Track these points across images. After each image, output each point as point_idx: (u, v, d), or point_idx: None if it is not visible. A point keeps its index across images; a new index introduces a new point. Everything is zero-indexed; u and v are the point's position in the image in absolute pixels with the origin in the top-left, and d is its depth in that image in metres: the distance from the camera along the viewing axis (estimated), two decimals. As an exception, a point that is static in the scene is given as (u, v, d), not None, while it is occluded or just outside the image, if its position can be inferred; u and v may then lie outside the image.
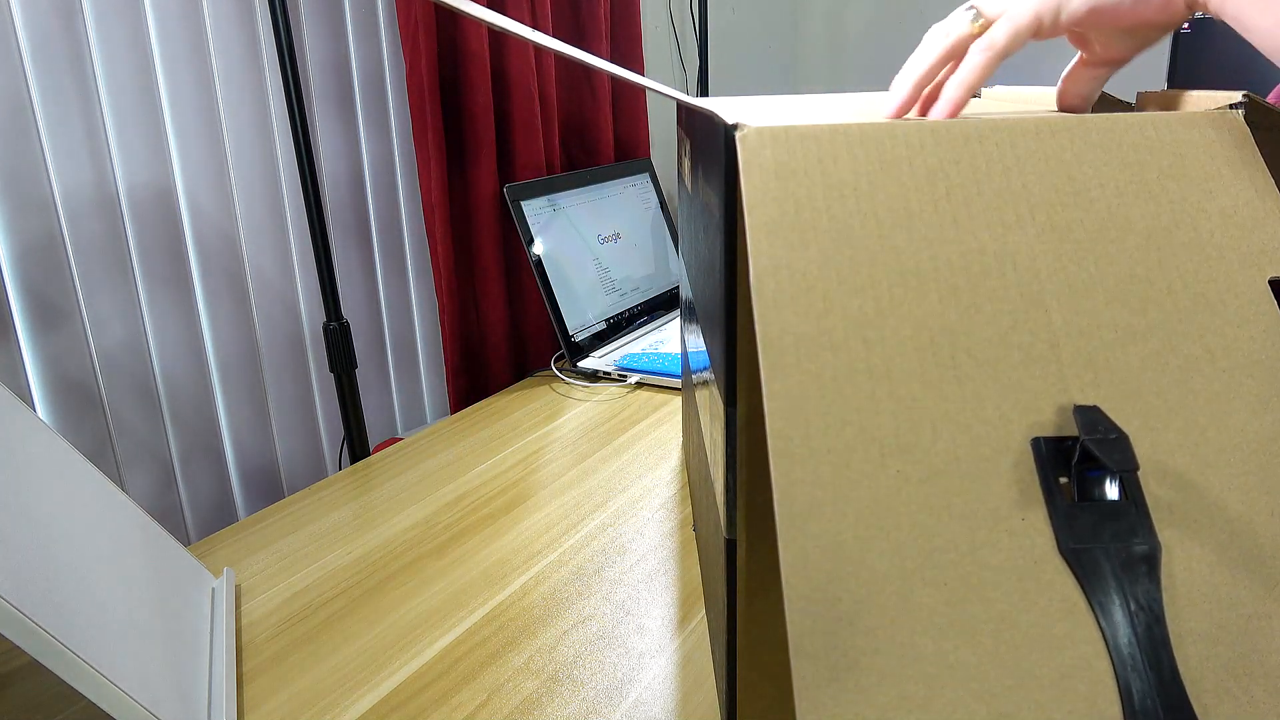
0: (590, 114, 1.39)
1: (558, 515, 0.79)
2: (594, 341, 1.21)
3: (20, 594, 0.41)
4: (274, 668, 0.60)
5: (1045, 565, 0.28)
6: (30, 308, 0.86)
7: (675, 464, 0.88)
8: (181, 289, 0.98)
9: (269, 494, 1.10)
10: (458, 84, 1.14)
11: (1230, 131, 0.35)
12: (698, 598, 0.65)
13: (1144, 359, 0.31)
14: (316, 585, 0.70)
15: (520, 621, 0.64)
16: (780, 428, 0.30)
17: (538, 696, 0.56)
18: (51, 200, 0.86)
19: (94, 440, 0.92)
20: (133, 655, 0.48)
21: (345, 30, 1.15)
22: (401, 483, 0.87)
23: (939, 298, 0.32)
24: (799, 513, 0.29)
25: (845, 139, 0.35)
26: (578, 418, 1.02)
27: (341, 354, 0.98)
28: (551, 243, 1.20)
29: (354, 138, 1.18)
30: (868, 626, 0.28)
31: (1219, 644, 0.27)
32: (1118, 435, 0.29)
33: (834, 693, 0.27)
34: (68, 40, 0.85)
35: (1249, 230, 0.33)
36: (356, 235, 1.20)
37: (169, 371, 0.98)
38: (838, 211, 0.33)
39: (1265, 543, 0.29)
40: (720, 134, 0.37)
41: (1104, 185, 0.34)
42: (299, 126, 0.91)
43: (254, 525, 0.80)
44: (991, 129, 0.35)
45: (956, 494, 0.29)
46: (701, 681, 0.57)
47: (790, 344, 0.31)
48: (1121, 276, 0.32)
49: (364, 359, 1.22)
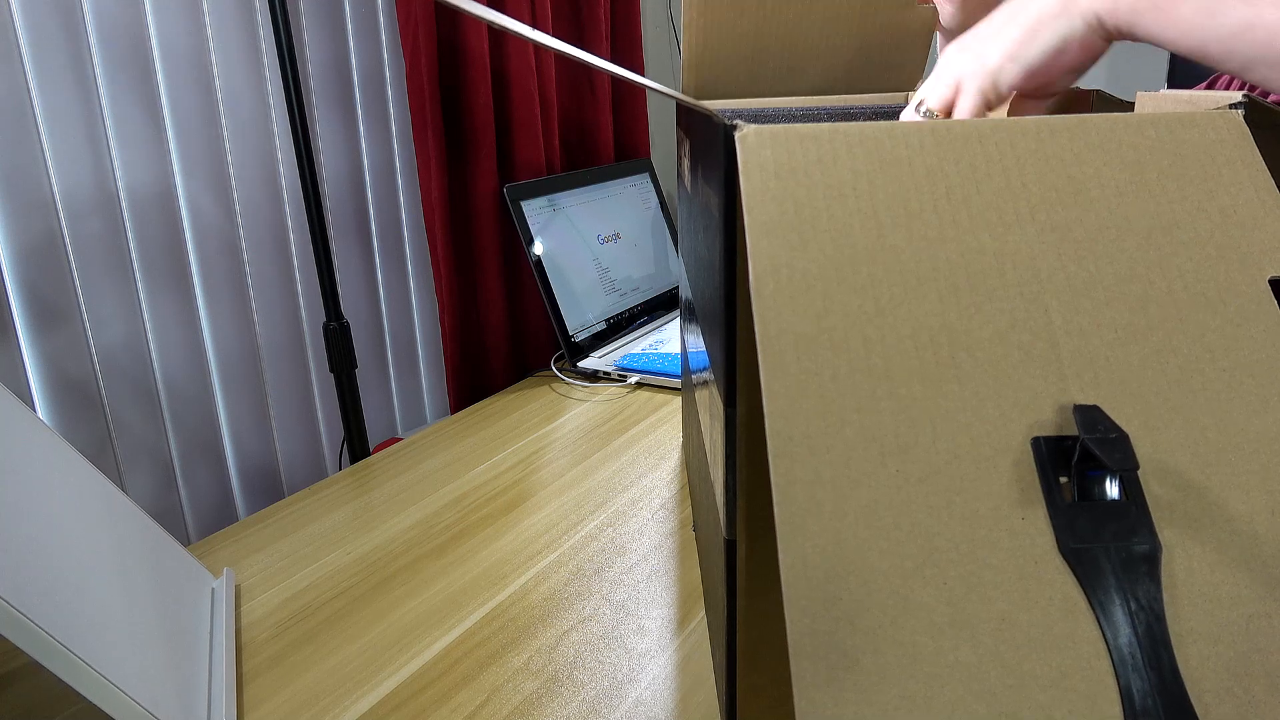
0: (590, 114, 1.39)
1: (558, 515, 0.79)
2: (594, 341, 1.21)
3: (20, 594, 0.41)
4: (274, 668, 0.60)
5: (1045, 565, 0.28)
6: (30, 308, 0.86)
7: (675, 464, 0.88)
8: (181, 289, 0.98)
9: (269, 494, 1.10)
10: (458, 84, 1.14)
11: (1230, 131, 0.35)
12: (697, 598, 0.65)
13: (1144, 358, 0.31)
14: (316, 585, 0.70)
15: (520, 622, 0.64)
16: (780, 427, 0.30)
17: (538, 697, 0.56)
18: (51, 200, 0.86)
19: (94, 440, 0.92)
20: (133, 655, 0.48)
21: (345, 30, 1.15)
22: (401, 483, 0.87)
23: (939, 297, 0.32)
24: (799, 512, 0.29)
25: (845, 139, 0.35)
26: (578, 418, 1.02)
27: (341, 354, 0.98)
28: (551, 243, 1.20)
29: (354, 138, 1.18)
30: (867, 626, 0.28)
31: (1220, 643, 0.27)
32: (1118, 434, 0.29)
33: (834, 692, 0.27)
34: (68, 40, 0.86)
35: (1249, 229, 0.33)
36: (356, 235, 1.20)
37: (169, 371, 0.98)
38: (837, 211, 0.33)
39: (1266, 542, 0.29)
40: (719, 134, 0.37)
41: (1104, 185, 0.34)
42: (299, 126, 0.91)
43: (254, 525, 0.80)
44: (991, 129, 0.35)
45: (956, 493, 0.29)
46: (701, 682, 0.57)
47: (790, 344, 0.31)
48: (1121, 276, 0.32)
49: (364, 359, 1.22)
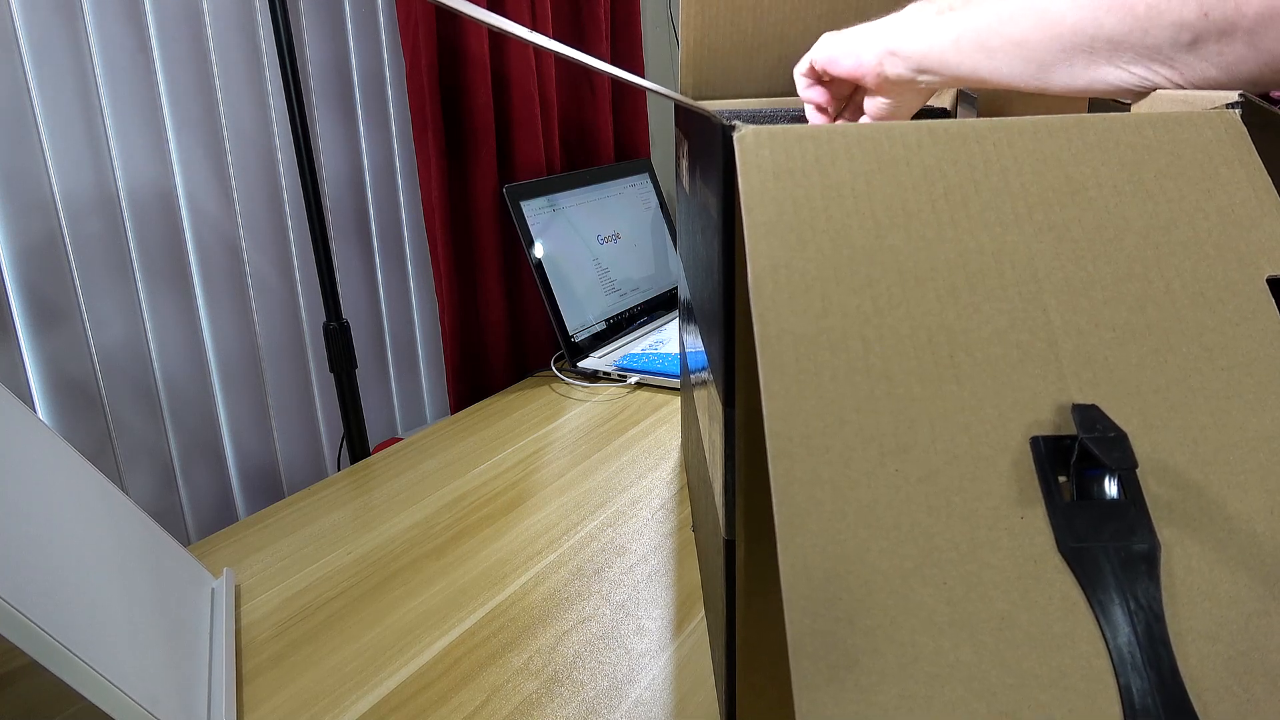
0: (590, 114, 1.39)
1: (558, 515, 0.79)
2: (594, 342, 1.21)
3: (20, 594, 0.41)
4: (274, 668, 0.60)
5: (1045, 564, 0.28)
6: (30, 308, 0.86)
7: (675, 464, 0.88)
8: (181, 289, 0.98)
9: (269, 494, 1.10)
10: (458, 84, 1.14)
11: (1227, 131, 0.35)
12: (697, 598, 0.65)
13: (1142, 357, 0.31)
14: (316, 585, 0.70)
15: (520, 622, 0.64)
16: (779, 427, 0.30)
17: (537, 697, 0.56)
18: (51, 200, 0.86)
19: (94, 440, 0.92)
20: (132, 655, 0.48)
21: (345, 30, 1.15)
22: (401, 483, 0.87)
23: (937, 297, 0.32)
24: (798, 512, 0.29)
25: (843, 139, 0.35)
26: (577, 418, 1.02)
27: (341, 354, 0.98)
28: (551, 243, 1.20)
29: (354, 138, 1.18)
30: (867, 626, 0.28)
31: (1219, 642, 0.27)
32: (1116, 434, 0.29)
33: (834, 692, 0.27)
34: (68, 40, 0.86)
35: (1246, 229, 0.33)
36: (356, 235, 1.20)
37: (169, 371, 0.98)
38: (835, 211, 0.33)
39: (1265, 540, 0.29)
40: (718, 134, 0.37)
41: (1101, 184, 0.34)
42: (299, 126, 0.91)
43: (254, 525, 0.80)
44: (989, 129, 0.35)
45: (956, 493, 0.29)
46: (701, 682, 0.57)
47: (789, 344, 0.31)
48: (1119, 275, 0.32)
49: (364, 359, 1.22)
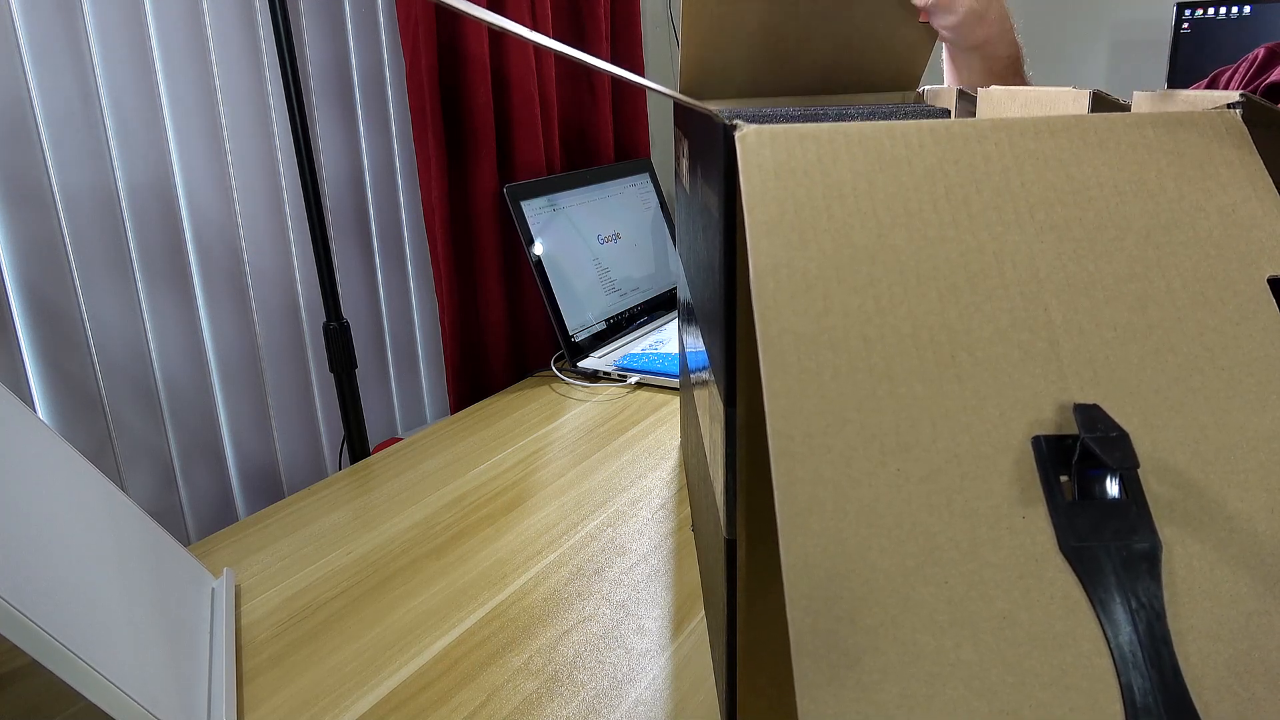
0: (590, 114, 1.39)
1: (558, 515, 0.79)
2: (594, 341, 1.21)
3: (20, 594, 0.41)
4: (274, 668, 0.60)
5: (1046, 563, 0.28)
6: (30, 308, 0.86)
7: (674, 464, 0.88)
8: (181, 289, 0.98)
9: (269, 494, 1.10)
10: (458, 84, 1.14)
11: (1228, 131, 0.35)
12: (697, 598, 0.65)
13: (1144, 357, 0.31)
14: (316, 585, 0.70)
15: (520, 622, 0.64)
16: (781, 427, 0.30)
17: (537, 697, 0.56)
18: (51, 200, 0.86)
19: (94, 440, 0.92)
20: (132, 655, 0.48)
21: (345, 30, 1.15)
22: (401, 483, 0.87)
23: (938, 296, 0.32)
24: (800, 511, 0.29)
25: (844, 139, 0.35)
26: (577, 418, 1.02)
27: (341, 354, 0.98)
28: (551, 243, 1.20)
29: (354, 138, 1.18)
30: (869, 625, 0.28)
31: (1220, 641, 0.27)
32: (1118, 433, 0.29)
33: (835, 691, 0.27)
34: (68, 40, 0.86)
35: (1247, 229, 0.33)
36: (356, 235, 1.20)
37: (169, 371, 0.98)
38: (837, 211, 0.33)
39: (1266, 540, 0.29)
40: (719, 134, 0.37)
41: (1102, 184, 0.34)
42: (299, 126, 0.91)
43: (254, 525, 0.80)
44: (990, 129, 0.35)
45: (957, 492, 0.29)
46: (701, 682, 0.57)
47: (790, 343, 0.31)
48: (1121, 275, 0.32)
49: (364, 359, 1.22)
